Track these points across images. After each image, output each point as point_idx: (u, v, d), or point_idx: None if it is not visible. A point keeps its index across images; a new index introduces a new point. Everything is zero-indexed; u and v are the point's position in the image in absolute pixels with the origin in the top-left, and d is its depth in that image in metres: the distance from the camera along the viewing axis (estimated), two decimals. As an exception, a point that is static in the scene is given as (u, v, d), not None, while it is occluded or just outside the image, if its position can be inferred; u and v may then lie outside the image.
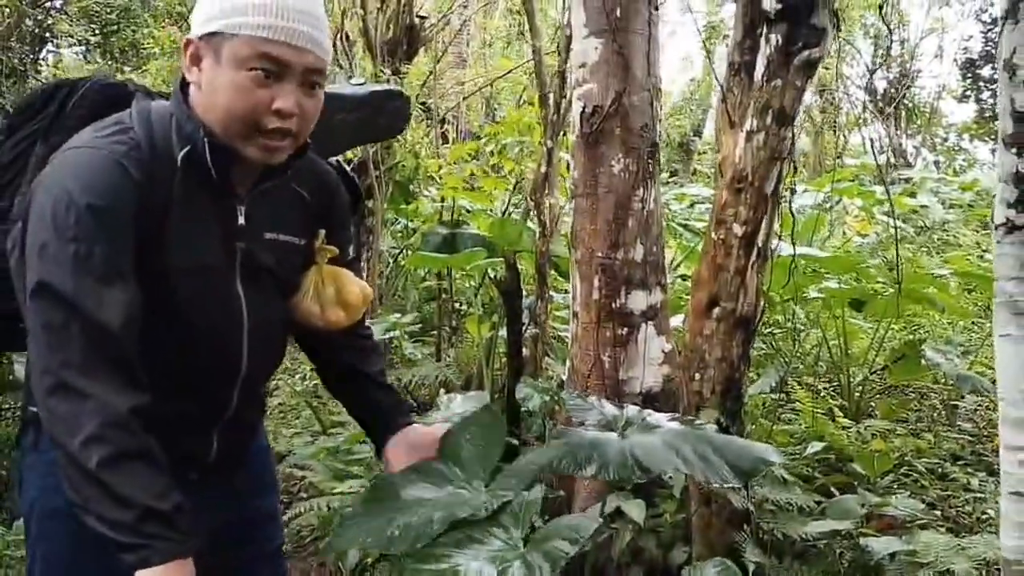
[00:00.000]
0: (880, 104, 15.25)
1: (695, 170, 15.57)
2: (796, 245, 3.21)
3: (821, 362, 4.65)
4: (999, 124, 1.39)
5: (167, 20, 10.23)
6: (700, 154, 16.28)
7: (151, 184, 1.24)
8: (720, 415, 2.32)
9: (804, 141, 16.03)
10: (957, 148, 16.64)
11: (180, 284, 1.29)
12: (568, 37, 3.39)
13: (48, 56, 11.46)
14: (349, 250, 1.58)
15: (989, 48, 14.48)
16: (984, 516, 2.79)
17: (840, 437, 3.08)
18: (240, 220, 1.35)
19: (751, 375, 3.88)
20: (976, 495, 2.98)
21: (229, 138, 1.27)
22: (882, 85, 15.32)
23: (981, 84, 15.10)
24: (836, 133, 15.89)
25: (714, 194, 2.42)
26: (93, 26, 10.70)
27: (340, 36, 7.10)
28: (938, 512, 2.85)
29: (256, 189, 1.37)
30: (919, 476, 3.10)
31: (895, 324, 4.80)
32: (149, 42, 10.17)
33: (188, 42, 1.26)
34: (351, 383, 1.67)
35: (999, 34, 1.34)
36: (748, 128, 2.23)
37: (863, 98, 15.06)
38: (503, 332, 3.98)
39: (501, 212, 6.09)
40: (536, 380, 3.56)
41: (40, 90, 1.43)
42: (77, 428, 1.12)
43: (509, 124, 5.35)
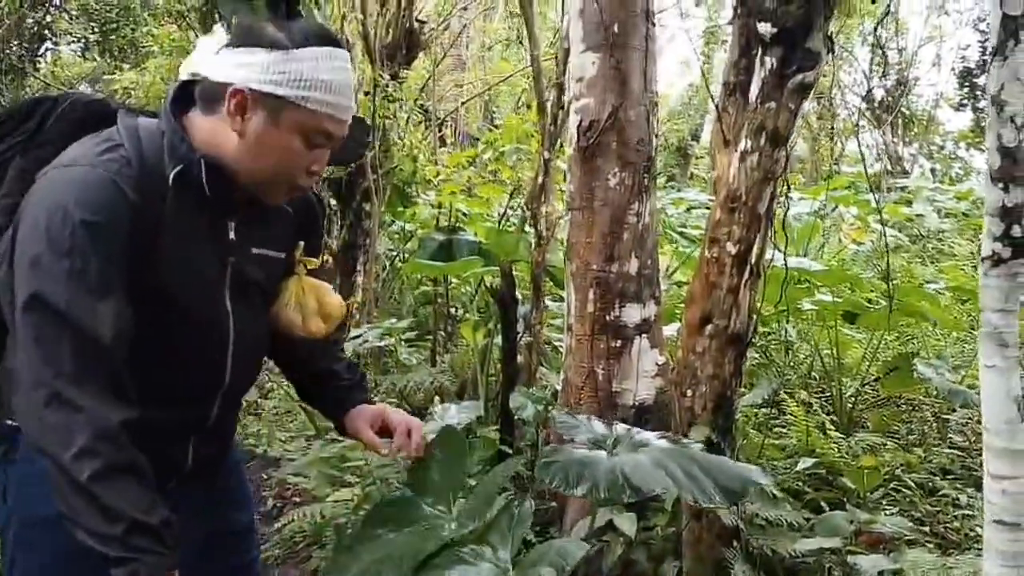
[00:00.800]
0: (877, 111, 15.29)
1: (692, 174, 15.61)
2: (791, 255, 3.25)
3: (814, 373, 4.68)
4: (987, 159, 1.42)
5: (166, 18, 10.22)
6: (697, 159, 16.32)
7: (143, 201, 1.26)
8: (711, 432, 2.34)
9: (801, 147, 16.09)
10: (954, 156, 16.71)
11: (173, 300, 1.31)
12: (566, 50, 3.41)
13: (47, 53, 11.46)
14: (320, 257, 1.65)
15: (987, 57, 14.53)
16: (972, 533, 2.82)
17: (831, 451, 3.10)
18: (231, 235, 1.39)
19: (744, 387, 3.91)
20: (965, 512, 3.00)
21: (257, 185, 1.34)
22: (880, 93, 15.37)
23: (978, 93, 15.16)
24: (833, 140, 15.94)
25: (710, 214, 2.44)
26: (92, 24, 10.70)
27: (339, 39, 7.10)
28: (927, 528, 2.87)
29: (246, 209, 1.40)
30: (909, 492, 3.12)
31: (888, 336, 4.83)
32: (148, 40, 10.18)
33: (237, 91, 1.27)
34: (322, 382, 1.71)
35: (986, 71, 1.36)
36: (742, 148, 2.25)
37: (860, 105, 15.09)
38: (498, 339, 4.00)
39: (498, 218, 6.11)
40: (530, 389, 3.58)
41: (21, 103, 1.44)
42: (70, 440, 1.14)
43: (507, 131, 5.37)
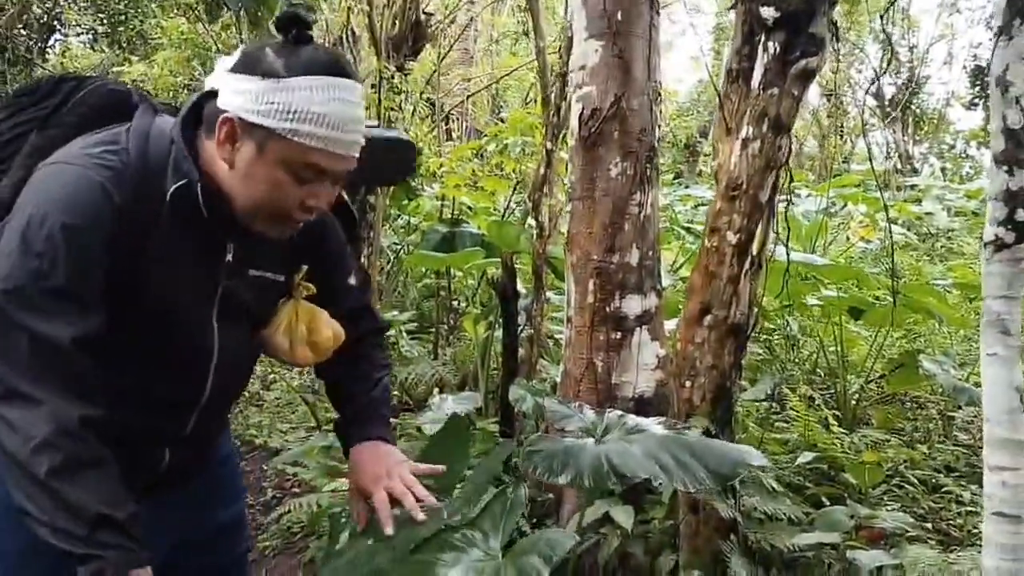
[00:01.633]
0: (888, 110, 15.20)
1: (700, 171, 15.53)
2: (796, 251, 3.21)
3: (819, 369, 4.63)
4: (991, 142, 1.38)
5: (175, 11, 10.23)
6: (706, 156, 16.24)
7: (135, 209, 1.22)
8: (710, 423, 2.30)
9: (811, 145, 16.01)
10: (964, 155, 16.59)
11: (152, 312, 1.28)
12: (569, 39, 3.37)
13: (56, 44, 11.47)
14: (350, 280, 1.58)
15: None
16: (975, 530, 2.78)
17: (833, 446, 3.07)
18: (228, 257, 1.34)
19: (746, 381, 3.87)
20: (968, 508, 2.96)
21: (247, 216, 1.27)
22: (890, 90, 15.27)
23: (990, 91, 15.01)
24: (843, 138, 15.85)
25: (710, 203, 2.41)
26: (101, 15, 10.70)
27: (345, 32, 7.09)
28: (929, 525, 2.84)
29: (246, 232, 1.33)
30: (911, 488, 3.08)
31: (894, 333, 4.78)
32: (157, 32, 10.18)
33: (227, 120, 1.22)
34: (339, 398, 1.65)
35: (991, 51, 1.32)
36: (744, 136, 2.22)
37: (871, 103, 15.01)
38: (500, 332, 3.98)
39: (502, 211, 6.08)
40: (530, 382, 3.56)
41: (47, 79, 1.41)
42: (28, 435, 1.11)
43: (512, 124, 5.34)
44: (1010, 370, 1.39)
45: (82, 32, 11.23)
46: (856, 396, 4.15)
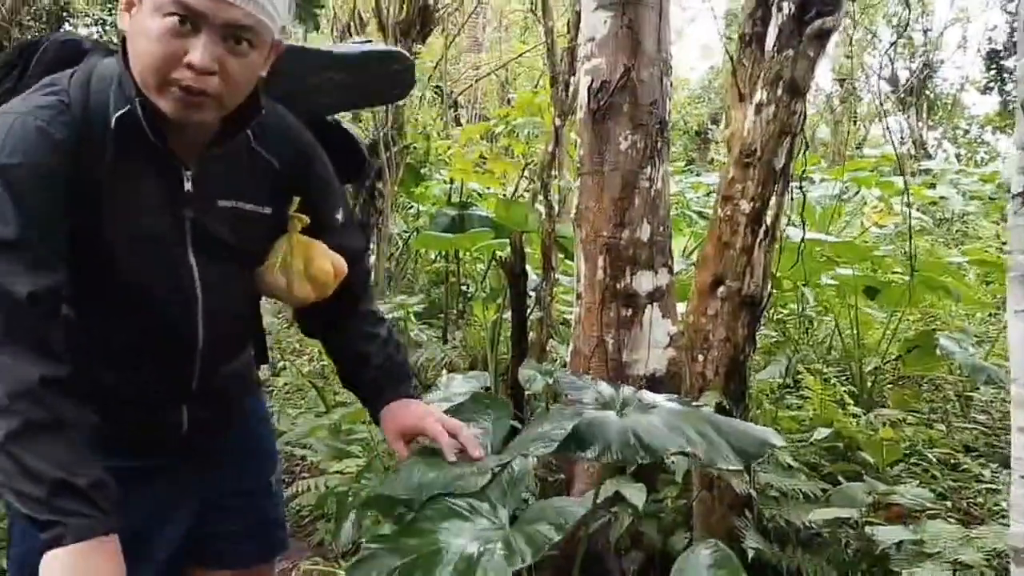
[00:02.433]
0: (901, 95, 15.03)
1: (712, 159, 15.42)
2: (810, 231, 3.14)
3: (833, 351, 4.56)
4: (1016, 89, 1.31)
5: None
6: (717, 143, 16.12)
7: (79, 147, 1.17)
8: (723, 398, 2.25)
9: (824, 132, 15.85)
10: (979, 141, 16.40)
11: (121, 254, 1.23)
12: (577, 13, 3.31)
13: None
14: (337, 216, 1.49)
15: (1014, 39, 14.21)
16: (996, 508, 2.71)
17: (849, 425, 3.00)
18: (187, 187, 1.27)
19: (759, 361, 3.81)
20: (989, 486, 2.89)
21: (147, 90, 1.17)
22: (904, 75, 15.10)
23: (1005, 75, 14.84)
24: (856, 123, 15.69)
25: (722, 171, 2.35)
26: (110, 5, 10.67)
27: (353, 17, 7.05)
28: (949, 503, 2.77)
29: (205, 155, 1.28)
30: (929, 466, 3.02)
31: (910, 314, 4.71)
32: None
33: None
34: (354, 368, 1.58)
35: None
36: (758, 100, 2.15)
37: (884, 88, 14.85)
38: (509, 315, 3.93)
39: (511, 195, 6.02)
40: (540, 363, 3.50)
41: (12, 49, 1.37)
42: None
43: (520, 105, 5.27)
44: (1039, 329, 1.33)
45: (91, 23, 11.21)
46: (872, 377, 4.08)
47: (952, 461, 3.17)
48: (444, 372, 3.99)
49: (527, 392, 3.40)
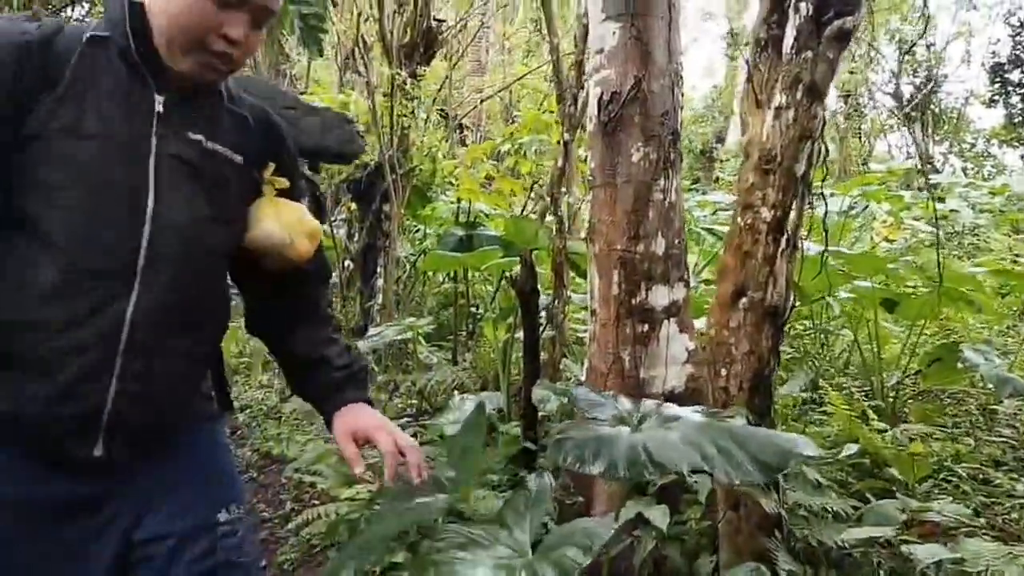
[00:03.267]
0: (907, 110, 14.99)
1: (718, 178, 15.38)
2: (822, 244, 3.06)
3: (852, 365, 4.47)
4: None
5: None
6: (722, 161, 16.09)
7: (44, 49, 1.19)
8: (748, 413, 2.16)
9: (830, 148, 15.79)
10: (986, 154, 16.33)
11: (71, 144, 1.18)
12: (585, 26, 3.26)
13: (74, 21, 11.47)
14: (301, 188, 1.50)
15: (1018, 52, 14.18)
16: (1033, 524, 2.61)
17: (875, 440, 2.91)
18: (158, 108, 1.26)
19: (779, 376, 3.72)
20: (1022, 501, 2.79)
21: (169, 46, 1.24)
22: (908, 90, 15.07)
23: (1010, 88, 14.79)
24: (861, 140, 15.65)
25: (740, 178, 2.28)
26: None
27: (357, 40, 7.03)
28: (983, 520, 2.67)
29: (180, 93, 1.29)
30: (959, 481, 2.92)
31: (928, 328, 4.61)
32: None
33: None
34: (311, 370, 1.52)
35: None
36: (776, 104, 2.09)
37: (889, 104, 14.82)
38: (520, 335, 3.85)
39: (519, 213, 5.96)
40: (554, 383, 3.42)
41: None
42: None
43: (526, 123, 5.22)
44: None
45: (101, 12, 11.23)
46: (893, 392, 3.98)
47: (982, 476, 3.07)
48: (455, 394, 3.90)
49: (540, 413, 3.32)
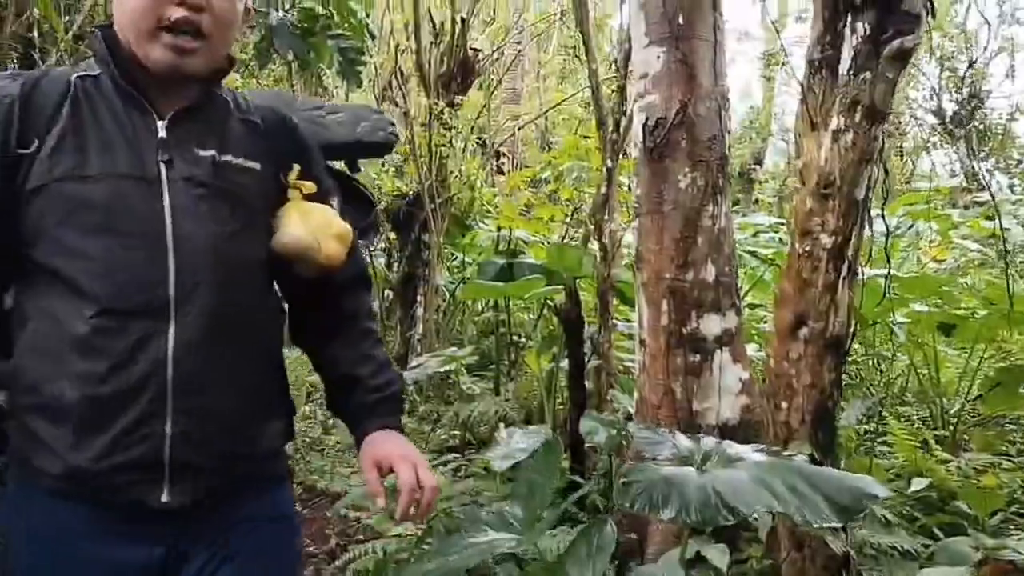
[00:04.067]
0: (949, 127, 14.72)
1: (757, 200, 15.21)
2: (876, 267, 2.96)
3: (908, 391, 4.32)
4: None
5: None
6: (762, 183, 15.92)
7: (32, 96, 1.17)
8: (811, 448, 2.07)
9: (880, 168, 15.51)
10: (1033, 170, 15.93)
11: (80, 189, 1.15)
12: (627, 49, 3.23)
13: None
14: (326, 186, 1.42)
15: (1064, 65, 13.87)
16: (1116, 562, 2.46)
17: (941, 473, 2.79)
18: (161, 134, 1.21)
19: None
20: (1102, 537, 2.64)
21: (137, 41, 1.19)
22: (951, 107, 14.80)
23: (1057, 102, 14.45)
24: (903, 158, 15.39)
25: (794, 204, 2.20)
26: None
27: (394, 73, 7.09)
28: (1061, 557, 2.53)
29: (178, 106, 1.24)
30: (1034, 516, 2.78)
31: (985, 351, 4.45)
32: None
33: None
34: (345, 389, 1.45)
35: None
36: (834, 127, 2.02)
37: (931, 121, 14.56)
38: (564, 364, 3.78)
39: (560, 240, 5.92)
40: (601, 414, 3.35)
41: None
42: None
43: (566, 149, 5.19)
44: None
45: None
46: (955, 418, 3.83)
47: (1056, 510, 2.92)
48: (500, 426, 3.84)
49: (588, 445, 3.25)
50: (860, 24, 1.98)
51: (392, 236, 6.85)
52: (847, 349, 2.18)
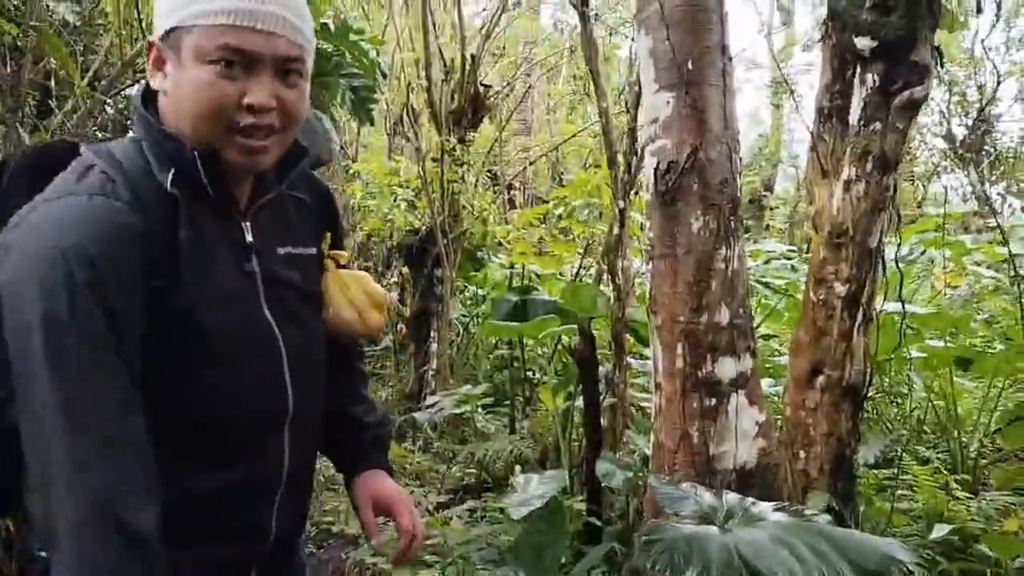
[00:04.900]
0: (960, 151, 14.71)
1: (768, 226, 15.22)
2: (894, 302, 2.95)
3: (926, 427, 4.29)
4: None
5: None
6: (772, 209, 15.94)
7: (146, 221, 1.05)
8: (831, 497, 2.06)
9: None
10: (1045, 193, 15.86)
11: (203, 320, 1.10)
12: (637, 94, 3.25)
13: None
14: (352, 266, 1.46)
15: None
16: None
17: (962, 515, 2.76)
18: (248, 238, 1.18)
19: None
20: None
21: (207, 142, 1.10)
22: (961, 132, 14.79)
23: (1068, 125, 14.42)
24: (914, 183, 15.37)
25: (811, 251, 2.21)
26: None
27: (406, 109, 7.17)
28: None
29: (256, 204, 1.21)
30: (1058, 559, 2.74)
31: (1004, 384, 4.42)
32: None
33: (151, 45, 1.12)
34: (340, 428, 1.46)
35: None
36: (846, 177, 2.03)
37: (941, 146, 14.55)
38: (579, 402, 3.78)
39: (572, 276, 5.93)
40: (616, 454, 3.33)
41: None
42: None
43: (577, 186, 5.22)
44: None
45: None
46: (975, 455, 3.80)
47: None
48: (516, 468, 3.83)
49: (604, 486, 3.23)
50: (869, 75, 2.00)
51: (405, 271, 6.89)
52: (864, 396, 2.18)
